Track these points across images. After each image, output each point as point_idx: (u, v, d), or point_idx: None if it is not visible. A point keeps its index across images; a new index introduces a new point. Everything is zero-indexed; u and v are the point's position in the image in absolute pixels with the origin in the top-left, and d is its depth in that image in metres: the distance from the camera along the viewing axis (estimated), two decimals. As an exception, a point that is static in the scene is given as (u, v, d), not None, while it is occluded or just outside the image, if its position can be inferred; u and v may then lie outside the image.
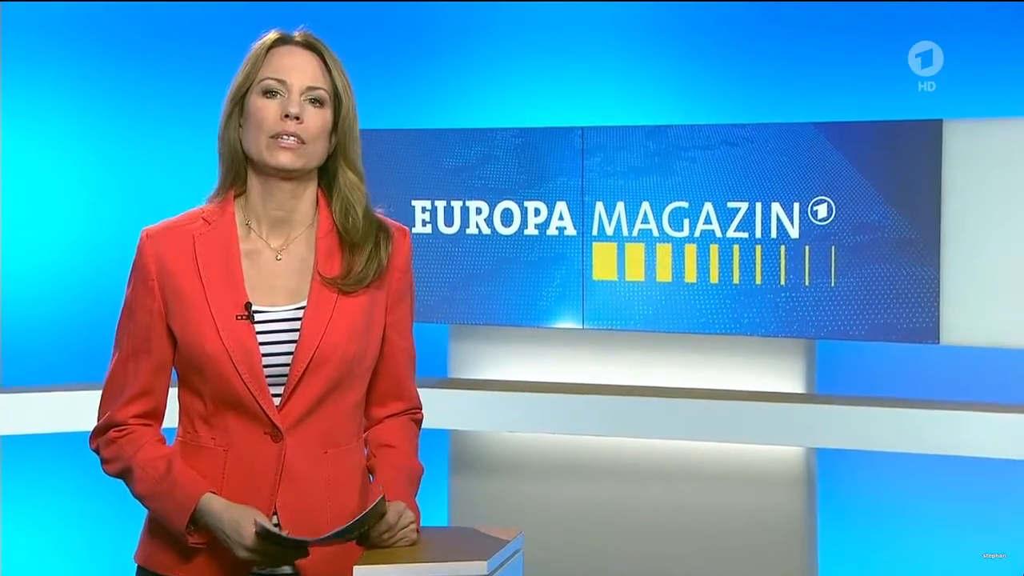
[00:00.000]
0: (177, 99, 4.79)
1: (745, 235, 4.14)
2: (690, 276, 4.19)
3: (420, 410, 2.46)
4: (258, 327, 2.25)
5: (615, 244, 4.26)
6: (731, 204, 4.16)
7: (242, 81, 2.28)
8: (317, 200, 2.33)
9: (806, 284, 4.08)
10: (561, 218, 4.31)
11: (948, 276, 3.95)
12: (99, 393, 2.34)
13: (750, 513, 4.29)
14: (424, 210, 4.42)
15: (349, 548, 2.23)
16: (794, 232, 4.09)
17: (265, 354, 2.24)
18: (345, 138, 2.31)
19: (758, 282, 4.13)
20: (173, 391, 2.33)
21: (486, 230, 4.38)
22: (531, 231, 4.34)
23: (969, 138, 3.93)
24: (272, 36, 2.31)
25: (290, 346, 2.25)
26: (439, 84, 4.80)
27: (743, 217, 4.14)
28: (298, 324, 2.26)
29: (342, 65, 2.32)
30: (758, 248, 4.13)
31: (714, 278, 4.17)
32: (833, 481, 4.50)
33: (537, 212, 4.33)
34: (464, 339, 4.56)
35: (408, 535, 2.24)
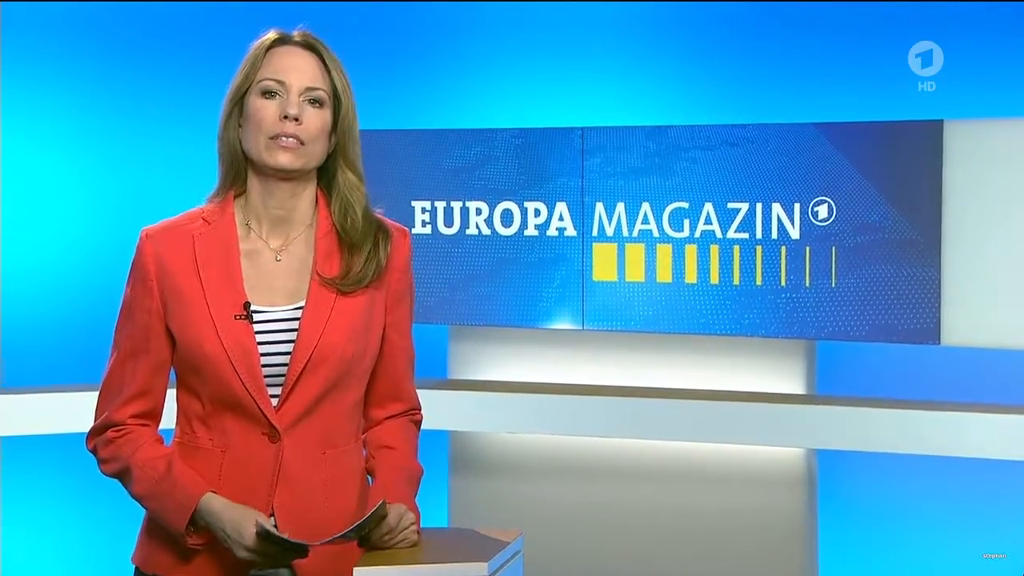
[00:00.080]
0: (177, 99, 4.78)
1: (745, 236, 4.14)
2: (690, 277, 4.19)
3: (419, 411, 2.46)
4: (256, 327, 2.24)
5: (615, 245, 4.26)
6: (731, 205, 4.15)
7: (241, 81, 2.28)
8: (316, 200, 2.33)
9: (807, 285, 4.08)
10: (561, 219, 4.30)
11: (949, 277, 3.95)
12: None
13: (750, 514, 4.29)
14: (424, 211, 4.41)
15: (349, 549, 2.22)
16: (795, 233, 4.09)
17: (263, 354, 2.24)
18: (344, 138, 2.30)
19: (758, 283, 4.13)
20: (170, 392, 2.33)
21: (486, 231, 4.38)
22: (531, 232, 4.33)
23: (970, 138, 3.93)
24: (271, 36, 2.30)
25: (288, 346, 2.25)
26: (439, 84, 4.79)
27: (743, 218, 4.13)
28: (296, 324, 2.25)
29: (341, 65, 2.31)
30: (758, 249, 4.13)
31: (714, 279, 4.16)
32: (833, 482, 4.49)
33: (537, 213, 4.32)
34: (464, 340, 4.56)
35: (409, 536, 2.24)
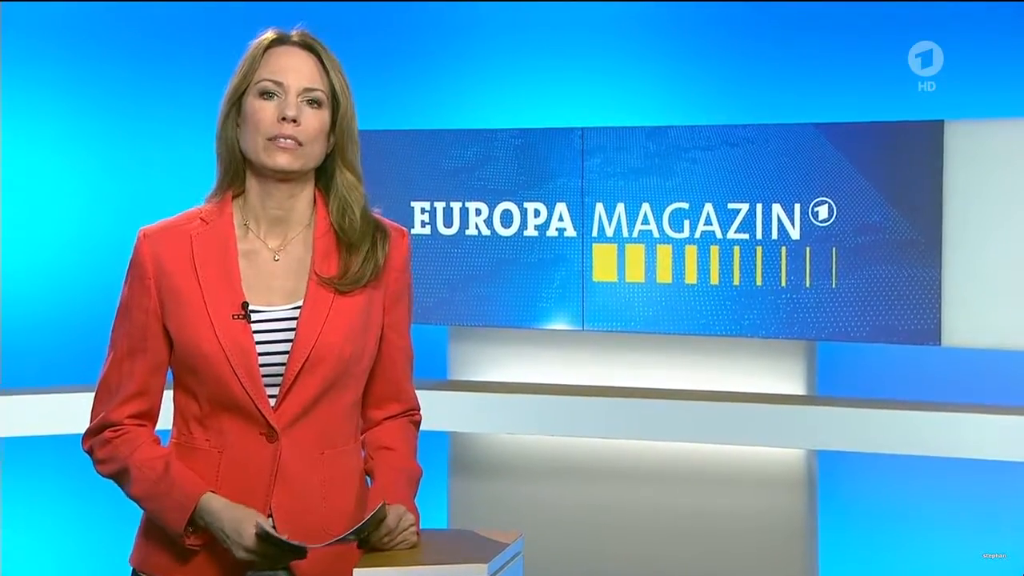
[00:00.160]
0: (175, 99, 4.78)
1: (746, 236, 4.13)
2: (690, 277, 4.18)
3: (418, 411, 2.45)
4: (254, 327, 2.23)
5: (615, 245, 4.25)
6: (732, 205, 4.14)
7: (239, 82, 2.27)
8: (315, 200, 2.32)
9: (807, 285, 4.07)
10: (561, 219, 4.29)
11: (949, 277, 3.94)
12: (98, 395, 2.33)
13: (751, 515, 4.28)
14: (423, 211, 4.41)
15: (348, 550, 2.21)
16: (795, 233, 4.08)
17: (261, 353, 2.23)
18: (343, 138, 2.29)
19: (759, 283, 4.12)
20: (167, 393, 2.32)
21: (485, 231, 4.37)
22: (531, 232, 4.33)
23: (970, 139, 3.92)
24: (269, 36, 2.29)
25: (286, 345, 2.24)
26: (438, 85, 4.79)
27: (744, 218, 4.13)
28: (294, 324, 2.25)
29: (340, 65, 2.30)
30: (759, 249, 4.12)
31: (714, 279, 4.16)
32: (834, 483, 4.49)
33: (537, 213, 4.32)
34: (463, 341, 4.55)
35: (408, 538, 2.23)
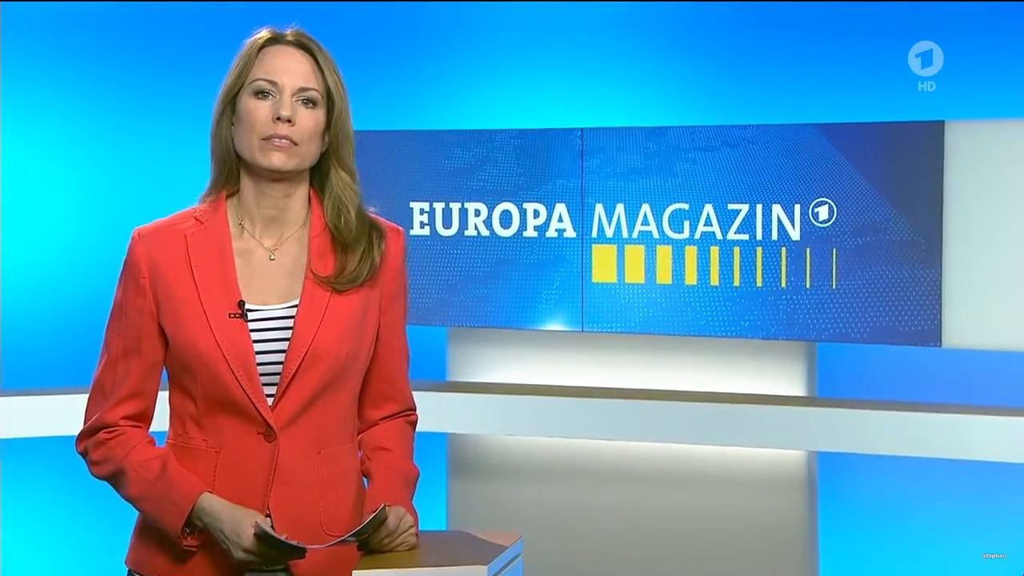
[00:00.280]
0: (172, 99, 4.77)
1: (746, 237, 4.12)
2: (690, 278, 4.17)
3: (414, 411, 2.45)
4: (251, 326, 2.23)
5: (615, 246, 4.24)
6: (732, 206, 4.14)
7: (233, 81, 2.27)
8: (309, 200, 2.32)
9: (807, 286, 4.06)
10: (560, 220, 4.29)
11: (950, 278, 3.93)
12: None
13: (751, 517, 4.27)
14: (422, 212, 4.40)
15: (347, 551, 2.21)
16: (795, 234, 4.07)
17: (258, 352, 2.23)
18: (338, 138, 2.29)
19: (759, 284, 4.11)
20: (161, 395, 2.31)
21: (485, 232, 4.36)
22: (530, 233, 4.32)
23: (971, 139, 3.91)
24: (264, 35, 2.29)
25: (283, 344, 2.24)
26: (438, 85, 4.78)
27: (744, 219, 4.12)
28: (291, 323, 2.24)
29: (335, 64, 2.30)
30: (759, 250, 4.11)
31: (714, 280, 4.15)
32: (834, 484, 4.48)
33: (536, 214, 4.31)
34: (463, 342, 4.54)
35: (408, 539, 2.23)
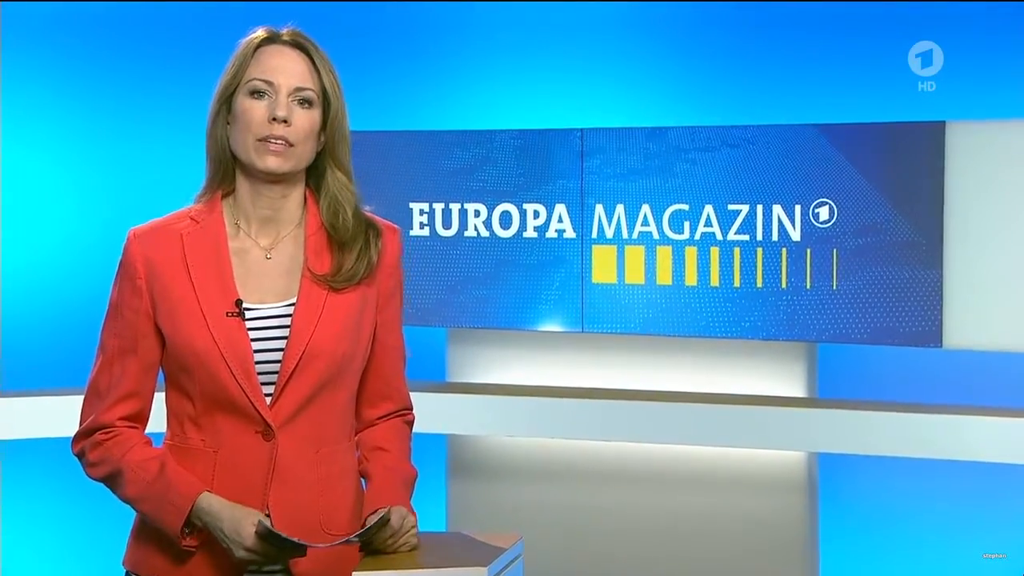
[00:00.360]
0: (169, 99, 4.76)
1: (746, 237, 4.11)
2: (690, 279, 4.17)
3: (411, 411, 2.44)
4: (248, 324, 2.23)
5: (615, 247, 4.23)
6: (732, 206, 4.13)
7: (229, 81, 2.26)
8: (305, 199, 2.31)
9: (807, 287, 4.06)
10: (560, 220, 4.28)
11: (951, 279, 3.93)
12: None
13: (751, 518, 4.27)
14: (422, 212, 4.39)
15: (347, 552, 2.21)
16: (795, 235, 4.06)
17: (256, 351, 2.22)
18: (334, 138, 2.29)
19: (759, 285, 4.10)
20: (157, 396, 2.30)
21: (484, 233, 4.35)
22: (530, 234, 4.31)
23: (972, 140, 3.91)
24: (260, 34, 2.28)
25: (281, 343, 2.23)
26: (437, 85, 4.78)
27: (744, 219, 4.11)
28: (288, 321, 2.24)
29: (331, 64, 2.29)
30: (759, 251, 4.10)
31: (715, 281, 4.14)
32: (834, 485, 4.47)
33: (536, 214, 4.30)
34: (462, 343, 4.53)
35: (410, 540, 2.22)
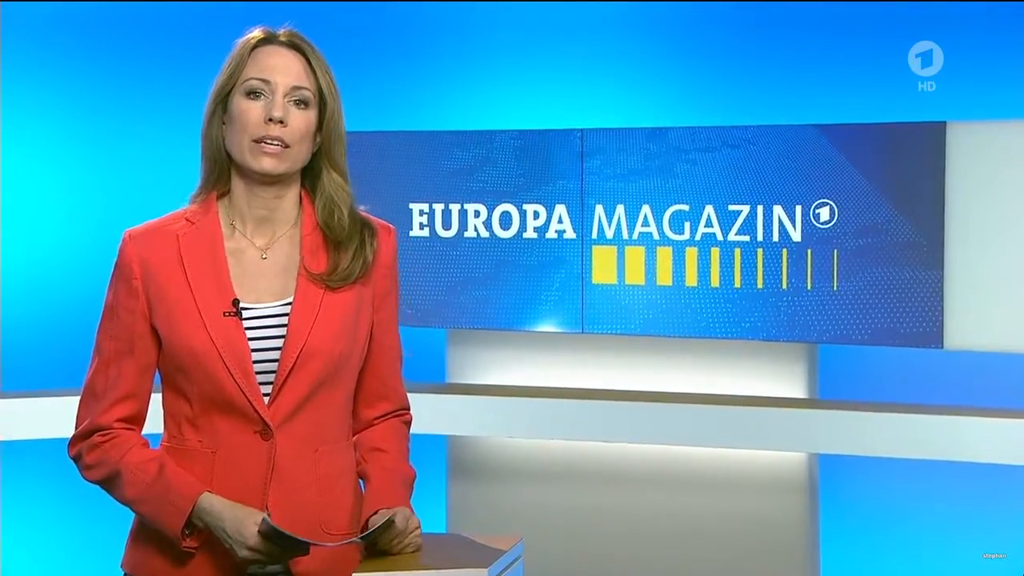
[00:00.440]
0: (166, 100, 4.75)
1: (747, 238, 4.11)
2: (691, 280, 4.16)
3: (408, 411, 2.44)
4: (246, 323, 2.23)
5: (615, 247, 4.23)
6: (732, 207, 4.12)
7: (225, 80, 2.26)
8: (301, 199, 2.32)
9: (808, 288, 4.05)
10: (560, 221, 4.27)
11: (952, 280, 3.92)
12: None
13: (752, 519, 4.26)
14: (422, 213, 4.38)
15: (347, 552, 2.21)
16: (796, 235, 4.06)
17: (254, 350, 2.22)
18: (329, 139, 2.29)
19: (760, 286, 4.10)
20: (154, 397, 2.30)
21: (484, 233, 4.35)
22: (530, 234, 4.30)
23: (973, 140, 3.90)
24: (256, 35, 2.28)
25: (278, 341, 2.23)
26: (437, 86, 4.77)
27: (744, 220, 4.11)
28: (285, 320, 2.24)
29: (327, 64, 2.29)
30: (760, 251, 4.10)
31: (715, 282, 4.14)
32: (835, 486, 4.47)
33: (536, 215, 4.30)
34: (462, 344, 4.52)
35: (415, 540, 2.23)
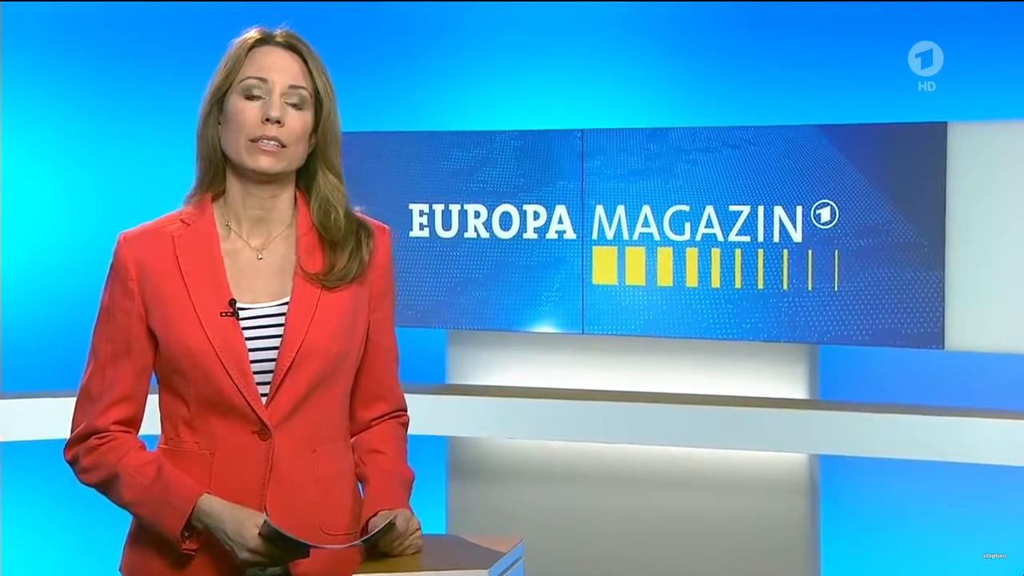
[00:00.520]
0: (163, 101, 4.75)
1: (747, 239, 4.10)
2: (691, 280, 4.15)
3: (405, 412, 2.44)
4: (242, 323, 2.23)
5: (615, 248, 4.22)
6: (733, 207, 4.12)
7: (222, 80, 2.26)
8: (295, 200, 2.31)
9: (809, 288, 4.04)
10: (560, 222, 4.27)
11: (953, 280, 3.92)
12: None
13: (752, 520, 4.26)
14: (422, 213, 4.38)
15: (347, 555, 2.21)
16: (797, 236, 4.05)
17: (251, 350, 2.22)
18: (325, 140, 2.29)
19: (760, 286, 4.09)
20: (151, 399, 2.30)
21: (484, 234, 4.34)
22: (530, 235, 4.30)
23: (974, 140, 3.90)
24: (253, 35, 2.28)
25: (275, 341, 2.23)
26: (437, 86, 4.77)
27: (745, 220, 4.10)
28: (282, 320, 2.24)
29: (324, 66, 2.30)
30: (760, 252, 4.09)
31: (716, 282, 4.13)
32: (836, 487, 4.46)
33: (536, 215, 4.29)
34: (462, 344, 4.52)
35: (416, 542, 2.23)
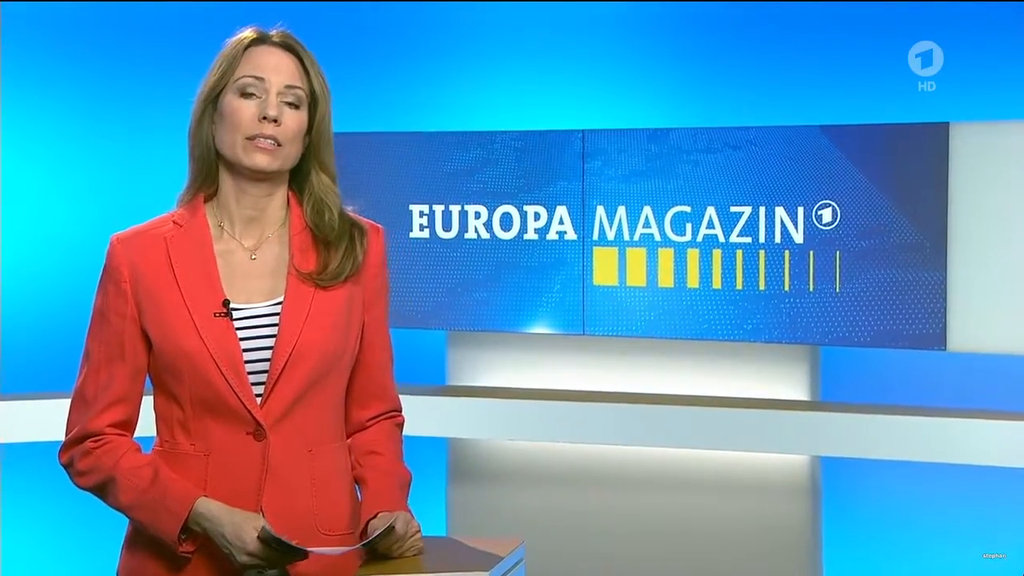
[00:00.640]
0: (161, 101, 4.73)
1: (748, 240, 4.09)
2: (692, 281, 4.15)
3: (400, 412, 2.43)
4: (236, 324, 2.22)
5: (616, 249, 4.22)
6: (734, 208, 4.11)
7: (217, 80, 2.25)
8: (288, 200, 2.31)
9: (810, 289, 4.04)
10: (561, 222, 4.26)
11: (955, 281, 3.91)
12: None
13: (754, 521, 4.25)
14: (422, 214, 4.37)
15: (347, 558, 2.19)
16: (798, 237, 4.05)
17: (245, 350, 2.21)
18: (319, 140, 2.29)
19: (761, 287, 4.09)
20: (145, 400, 2.29)
21: (485, 235, 4.33)
22: (531, 236, 4.29)
23: (976, 141, 3.90)
24: (249, 35, 2.28)
25: (269, 341, 2.23)
26: (438, 87, 4.76)
27: (746, 221, 4.09)
28: (276, 320, 2.24)
29: (319, 66, 2.29)
30: (762, 253, 4.09)
31: (717, 283, 4.13)
32: (838, 488, 4.46)
33: (537, 216, 4.29)
34: (462, 346, 4.51)
35: (416, 544, 2.22)
